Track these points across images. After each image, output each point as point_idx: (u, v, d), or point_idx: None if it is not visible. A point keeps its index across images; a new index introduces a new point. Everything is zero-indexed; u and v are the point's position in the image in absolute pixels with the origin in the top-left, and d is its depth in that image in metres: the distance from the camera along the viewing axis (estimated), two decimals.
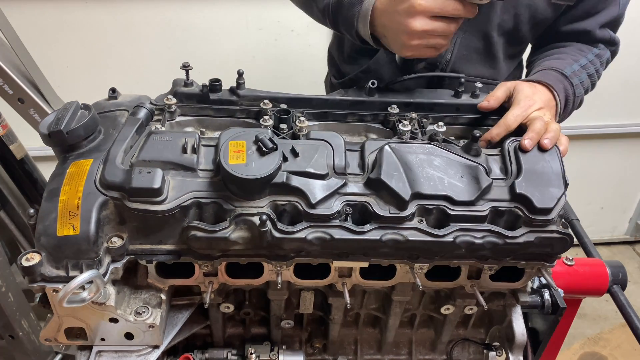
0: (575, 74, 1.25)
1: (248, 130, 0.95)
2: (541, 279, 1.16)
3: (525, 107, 1.09)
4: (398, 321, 1.16)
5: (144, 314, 0.96)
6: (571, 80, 1.23)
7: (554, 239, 0.95)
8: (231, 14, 2.35)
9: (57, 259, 0.87)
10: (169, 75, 1.16)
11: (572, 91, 1.23)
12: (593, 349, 2.71)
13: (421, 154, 0.97)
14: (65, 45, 2.30)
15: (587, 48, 1.36)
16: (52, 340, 0.99)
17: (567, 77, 1.23)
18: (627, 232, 3.47)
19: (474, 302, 1.12)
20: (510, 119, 1.08)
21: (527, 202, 0.94)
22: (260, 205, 0.91)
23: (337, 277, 1.02)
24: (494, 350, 1.23)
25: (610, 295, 1.33)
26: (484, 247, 0.94)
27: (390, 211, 0.92)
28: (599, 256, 1.41)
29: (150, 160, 0.93)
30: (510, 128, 1.07)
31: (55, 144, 0.96)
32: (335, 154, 0.96)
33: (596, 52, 1.36)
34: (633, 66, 2.73)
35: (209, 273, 0.99)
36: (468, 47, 1.38)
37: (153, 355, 1.00)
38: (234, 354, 1.16)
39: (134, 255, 0.93)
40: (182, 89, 1.12)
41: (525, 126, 1.06)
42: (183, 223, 0.91)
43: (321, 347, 1.25)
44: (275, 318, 1.15)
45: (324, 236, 0.90)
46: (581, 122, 2.90)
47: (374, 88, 1.15)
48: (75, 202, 0.87)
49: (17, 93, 1.30)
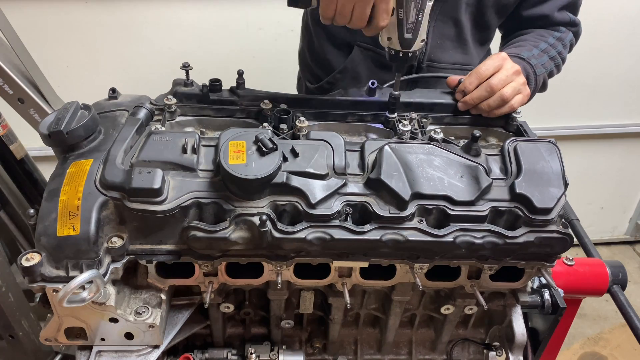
0: (534, 56, 1.32)
1: (248, 130, 0.95)
2: (541, 279, 1.16)
3: (498, 60, 1.17)
4: (398, 321, 1.16)
5: (144, 314, 0.96)
6: (529, 61, 1.28)
7: (554, 239, 0.95)
8: (231, 14, 2.35)
9: (57, 259, 0.87)
10: (169, 75, 1.16)
11: (532, 71, 1.28)
12: (593, 349, 2.71)
13: (421, 154, 0.97)
14: (65, 45, 2.30)
15: (548, 32, 1.42)
16: (52, 340, 0.99)
17: (525, 59, 1.28)
18: (627, 232, 3.47)
19: (474, 302, 1.12)
20: (482, 67, 1.14)
21: (527, 202, 0.94)
22: (260, 205, 0.91)
23: (337, 277, 1.02)
24: (494, 350, 1.23)
25: (610, 295, 1.33)
26: (484, 247, 0.94)
27: (390, 211, 0.92)
28: (599, 256, 1.41)
29: (150, 161, 0.93)
30: (483, 76, 1.13)
31: (55, 144, 0.96)
32: (335, 154, 0.96)
33: (557, 36, 1.42)
34: (633, 66, 2.73)
35: (209, 273, 0.99)
36: (441, 35, 1.42)
37: (153, 355, 1.00)
38: (234, 354, 1.16)
39: (134, 255, 0.93)
40: (182, 89, 1.12)
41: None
42: (183, 223, 0.91)
43: (321, 347, 1.25)
44: (275, 318, 1.15)
45: (324, 236, 0.90)
46: (581, 122, 2.90)
47: (374, 88, 1.16)
48: (75, 202, 0.87)
49: (17, 93, 1.30)
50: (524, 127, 1.15)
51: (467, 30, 1.43)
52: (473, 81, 1.14)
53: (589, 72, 2.71)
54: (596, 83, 2.77)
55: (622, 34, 2.61)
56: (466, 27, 1.42)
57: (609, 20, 2.56)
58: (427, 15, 1.00)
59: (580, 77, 2.72)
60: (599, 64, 2.69)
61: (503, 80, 1.13)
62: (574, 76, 2.71)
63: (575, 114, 2.87)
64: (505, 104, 1.13)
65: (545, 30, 1.43)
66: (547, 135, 1.62)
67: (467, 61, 1.47)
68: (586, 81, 2.75)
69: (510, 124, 1.16)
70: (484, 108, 1.14)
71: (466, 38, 1.44)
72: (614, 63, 2.71)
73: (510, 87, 1.13)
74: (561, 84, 2.72)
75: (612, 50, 2.65)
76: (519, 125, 1.16)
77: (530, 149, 1.00)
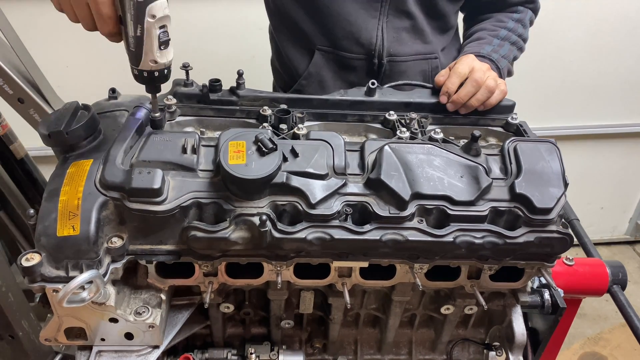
0: (495, 50, 1.35)
1: (248, 130, 0.95)
2: (541, 279, 1.16)
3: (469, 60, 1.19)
4: (398, 321, 1.16)
5: (144, 314, 0.96)
6: (490, 57, 1.32)
7: (554, 239, 0.95)
8: (231, 14, 2.35)
9: (57, 259, 0.87)
10: None
11: (494, 66, 1.31)
12: (593, 349, 2.71)
13: (421, 154, 0.97)
14: (65, 45, 2.30)
15: (506, 16, 1.44)
16: (52, 340, 0.99)
17: (485, 56, 1.32)
18: (627, 232, 3.47)
19: (474, 302, 1.12)
20: (459, 68, 1.16)
21: (527, 202, 0.94)
22: (260, 205, 0.91)
23: (337, 277, 1.02)
24: (494, 350, 1.23)
25: (610, 295, 1.33)
26: (484, 247, 0.94)
27: (390, 211, 0.92)
28: (599, 256, 1.41)
29: (150, 161, 0.93)
30: (462, 74, 1.15)
31: (55, 144, 0.96)
32: (335, 154, 0.96)
33: (516, 17, 1.44)
34: (633, 66, 2.73)
35: (209, 273, 0.99)
36: (396, 29, 1.42)
37: (153, 355, 1.00)
38: (234, 354, 1.16)
39: (134, 256, 0.93)
40: (182, 89, 1.12)
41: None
42: (183, 223, 0.91)
43: (321, 347, 1.25)
44: (275, 318, 1.15)
45: (323, 236, 0.90)
46: (581, 122, 2.90)
47: (374, 88, 1.16)
48: (75, 202, 0.87)
49: (17, 93, 1.29)
50: (524, 127, 1.15)
51: (421, 20, 1.43)
52: (454, 81, 1.15)
53: (589, 72, 2.71)
54: (596, 83, 2.77)
55: (622, 34, 2.61)
56: (419, 18, 1.42)
57: (609, 20, 2.56)
58: (150, 33, 0.85)
59: (580, 77, 2.72)
60: (599, 64, 2.69)
61: (483, 72, 1.15)
62: (574, 76, 2.71)
63: (575, 114, 2.87)
64: (492, 94, 1.15)
65: (503, 13, 1.45)
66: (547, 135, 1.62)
67: (428, 50, 1.48)
68: (586, 81, 2.75)
69: (510, 124, 1.16)
70: (473, 103, 1.15)
71: (422, 28, 1.44)
72: (614, 63, 2.71)
73: (491, 78, 1.15)
74: (561, 84, 2.74)
75: (612, 50, 2.65)
76: (519, 125, 1.16)
77: (530, 149, 1.00)
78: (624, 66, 2.71)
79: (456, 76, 1.15)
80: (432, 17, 1.45)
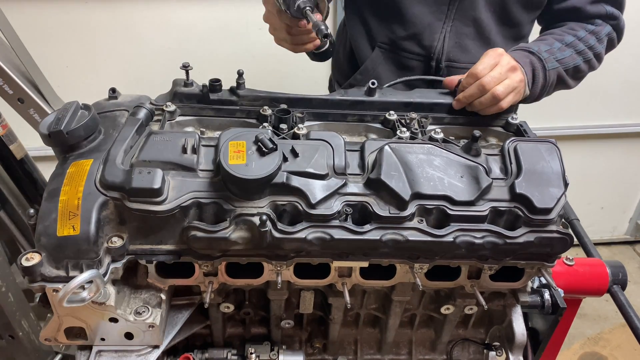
0: (551, 51, 1.28)
1: (248, 130, 0.95)
2: (541, 279, 1.16)
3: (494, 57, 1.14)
4: (398, 321, 1.16)
5: (144, 314, 0.96)
6: (539, 55, 1.24)
7: (554, 239, 0.95)
8: (231, 14, 2.35)
9: (57, 259, 0.87)
10: (169, 75, 1.16)
11: (540, 65, 1.24)
12: (593, 349, 2.71)
13: (421, 154, 0.97)
14: (65, 45, 2.30)
15: (580, 26, 1.38)
16: (52, 340, 0.99)
17: (534, 53, 1.25)
18: (627, 232, 3.47)
19: (474, 302, 1.12)
20: (479, 67, 1.12)
21: (527, 202, 0.94)
22: (260, 205, 0.91)
23: (337, 277, 1.02)
24: (494, 350, 1.23)
25: (610, 295, 1.33)
26: (484, 247, 0.94)
27: (390, 211, 0.92)
28: (599, 256, 1.41)
29: (150, 161, 0.93)
30: (479, 75, 1.11)
31: (55, 144, 0.96)
32: (335, 154, 0.96)
33: (590, 29, 1.37)
34: (633, 66, 2.73)
35: (209, 273, 0.99)
36: (459, 34, 1.41)
37: (153, 355, 1.00)
38: (234, 354, 1.16)
39: (134, 255, 0.93)
40: (182, 89, 1.12)
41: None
42: (183, 223, 0.91)
43: (321, 347, 1.25)
44: (275, 318, 1.15)
45: (324, 236, 0.90)
46: (581, 122, 2.90)
47: (374, 88, 1.16)
48: (76, 202, 0.87)
49: (17, 93, 1.30)
50: (524, 127, 1.15)
51: (491, 29, 1.40)
52: (470, 81, 1.14)
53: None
54: (596, 83, 2.76)
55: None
56: (488, 25, 1.40)
57: None
58: None
59: None
60: None
61: (496, 78, 1.12)
62: None
63: (575, 114, 2.87)
64: (497, 103, 1.12)
65: (577, 23, 1.39)
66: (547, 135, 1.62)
67: None
68: (586, 81, 2.73)
69: (510, 124, 1.16)
70: (476, 106, 1.14)
71: (489, 37, 1.41)
72: (614, 63, 2.70)
73: (503, 84, 1.12)
74: None
75: (612, 51, 2.65)
76: (519, 125, 1.16)
77: (530, 149, 1.00)
78: (624, 66, 2.71)
79: (472, 76, 1.13)
80: (504, 25, 1.42)
